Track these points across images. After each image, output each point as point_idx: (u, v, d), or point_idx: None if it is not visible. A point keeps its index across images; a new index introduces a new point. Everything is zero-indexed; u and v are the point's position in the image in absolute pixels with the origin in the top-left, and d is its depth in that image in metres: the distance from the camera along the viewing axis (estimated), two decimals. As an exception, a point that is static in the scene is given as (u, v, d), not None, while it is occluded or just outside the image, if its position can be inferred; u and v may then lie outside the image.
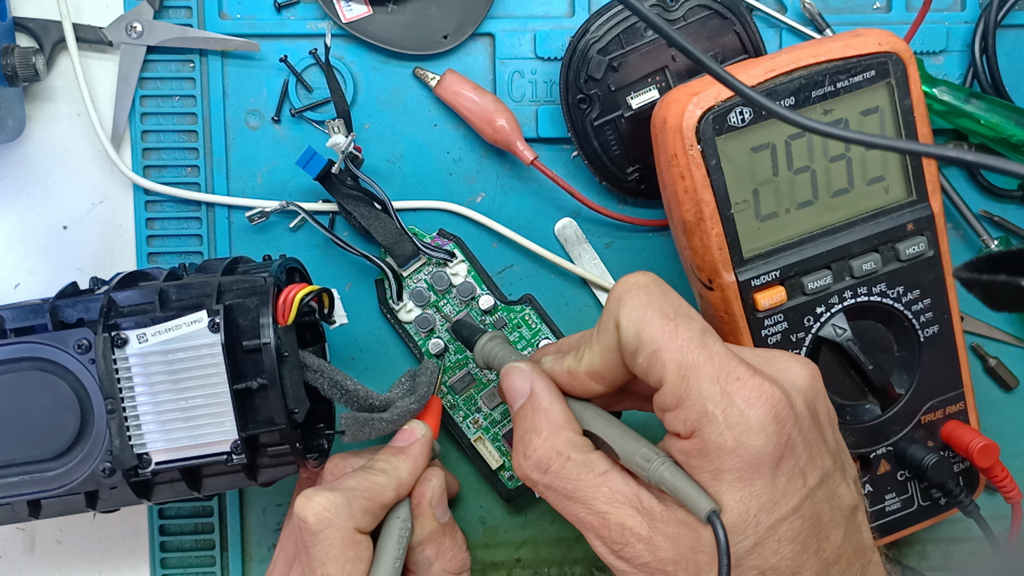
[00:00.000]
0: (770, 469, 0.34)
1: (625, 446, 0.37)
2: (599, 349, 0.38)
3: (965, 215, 0.52)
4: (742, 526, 0.34)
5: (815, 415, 0.37)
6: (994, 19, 0.51)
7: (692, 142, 0.42)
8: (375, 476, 0.42)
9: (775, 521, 0.34)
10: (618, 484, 0.37)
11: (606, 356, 0.38)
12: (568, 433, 0.39)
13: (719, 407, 0.35)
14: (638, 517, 0.36)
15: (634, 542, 0.36)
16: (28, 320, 0.42)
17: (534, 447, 0.38)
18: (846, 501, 0.37)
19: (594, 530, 0.37)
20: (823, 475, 0.36)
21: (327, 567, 0.39)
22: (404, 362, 0.52)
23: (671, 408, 0.36)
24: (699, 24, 0.48)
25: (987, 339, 0.53)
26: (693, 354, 0.35)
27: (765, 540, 0.34)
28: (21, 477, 0.41)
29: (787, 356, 0.38)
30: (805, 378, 0.37)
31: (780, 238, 0.44)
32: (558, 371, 0.40)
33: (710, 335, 0.36)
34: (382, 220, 0.50)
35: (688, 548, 0.35)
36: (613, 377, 0.39)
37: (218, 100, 0.51)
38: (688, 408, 0.35)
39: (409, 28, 0.51)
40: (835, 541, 0.36)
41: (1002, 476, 0.46)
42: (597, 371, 0.39)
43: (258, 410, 0.41)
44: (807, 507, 0.35)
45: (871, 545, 0.38)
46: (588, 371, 0.39)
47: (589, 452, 0.38)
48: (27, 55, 0.48)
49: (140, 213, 0.51)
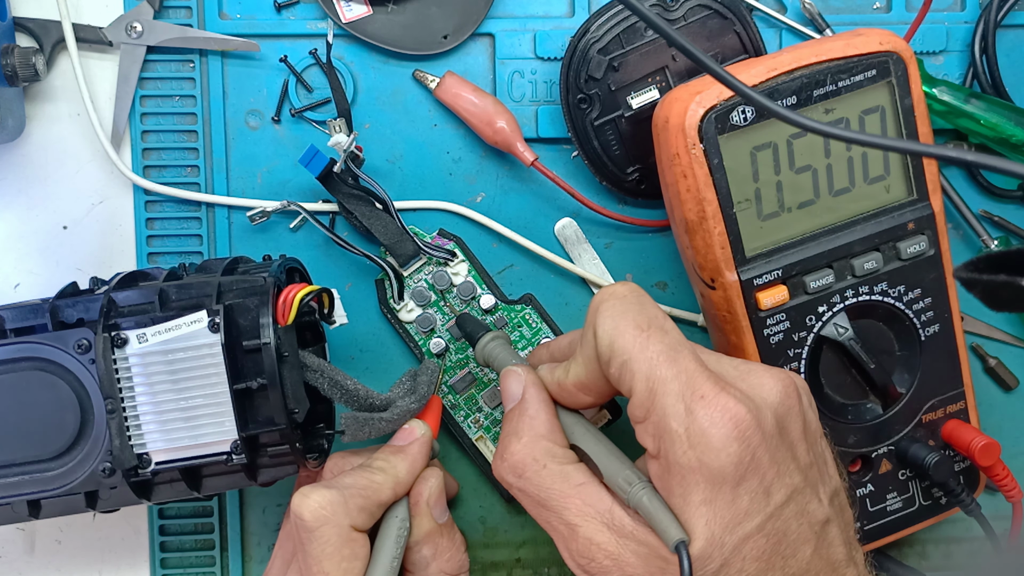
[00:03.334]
0: (731, 488, 0.34)
1: (609, 466, 0.38)
2: (582, 360, 0.39)
3: (965, 215, 0.52)
4: (708, 551, 0.35)
5: (785, 431, 0.36)
6: (994, 19, 0.51)
7: (694, 141, 0.42)
8: (373, 474, 0.42)
9: (739, 540, 0.35)
10: (592, 498, 0.37)
11: (589, 367, 0.39)
12: (547, 443, 0.39)
13: (682, 425, 0.35)
14: (607, 533, 0.36)
15: (600, 557, 0.36)
16: (28, 320, 0.42)
17: (512, 451, 0.39)
18: (816, 517, 0.36)
19: (563, 540, 0.38)
20: (791, 492, 0.36)
21: (323, 564, 0.39)
22: (404, 362, 0.52)
23: (640, 421, 0.36)
24: (699, 24, 0.48)
25: (987, 339, 0.53)
26: (662, 368, 0.36)
27: (730, 560, 0.35)
28: (21, 477, 0.41)
29: (763, 370, 0.38)
30: (777, 394, 0.37)
31: (782, 237, 0.44)
32: (550, 381, 0.41)
33: (683, 349, 0.36)
34: (383, 220, 0.50)
35: (657, 568, 0.35)
36: (599, 388, 0.39)
37: (218, 100, 0.51)
38: (655, 423, 0.35)
39: (409, 28, 0.51)
40: (803, 557, 0.36)
41: (1003, 475, 0.46)
42: (583, 382, 0.39)
43: (258, 410, 0.41)
44: (771, 525, 0.35)
45: (845, 559, 0.37)
46: (575, 383, 0.40)
47: (567, 463, 0.39)
48: (27, 55, 0.48)
49: (140, 213, 0.51)
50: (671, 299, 0.53)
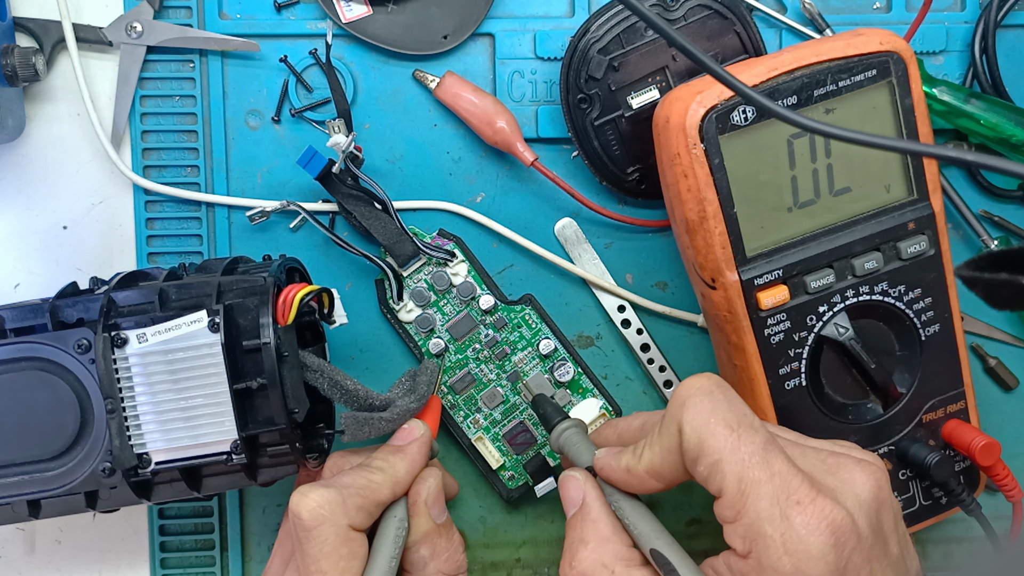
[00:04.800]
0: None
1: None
2: (660, 450, 0.38)
3: (965, 215, 0.52)
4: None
5: (879, 528, 0.36)
6: (994, 19, 0.51)
7: (695, 141, 0.42)
8: (371, 474, 0.42)
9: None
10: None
11: (666, 457, 0.38)
12: (615, 545, 0.39)
13: (777, 530, 0.34)
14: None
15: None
16: (28, 320, 0.42)
17: (580, 558, 0.39)
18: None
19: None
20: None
21: (321, 563, 0.39)
22: (404, 362, 0.52)
23: (730, 521, 0.36)
24: (699, 24, 0.48)
25: (987, 339, 0.53)
26: (754, 470, 0.35)
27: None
28: (21, 477, 0.41)
29: (852, 464, 0.37)
30: (870, 489, 0.36)
31: (782, 237, 0.44)
32: (615, 467, 0.40)
33: (773, 449, 0.36)
34: (382, 220, 0.50)
35: None
36: (672, 478, 0.38)
37: (218, 100, 0.51)
38: (746, 525, 0.35)
39: (409, 28, 0.51)
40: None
41: (1003, 475, 0.46)
42: (657, 471, 0.38)
43: (258, 410, 0.41)
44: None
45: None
46: (648, 470, 0.39)
47: (635, 568, 0.38)
48: (27, 55, 0.48)
49: (140, 213, 0.51)
50: (671, 299, 0.53)
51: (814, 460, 0.37)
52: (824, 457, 0.38)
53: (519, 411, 0.51)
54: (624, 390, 0.53)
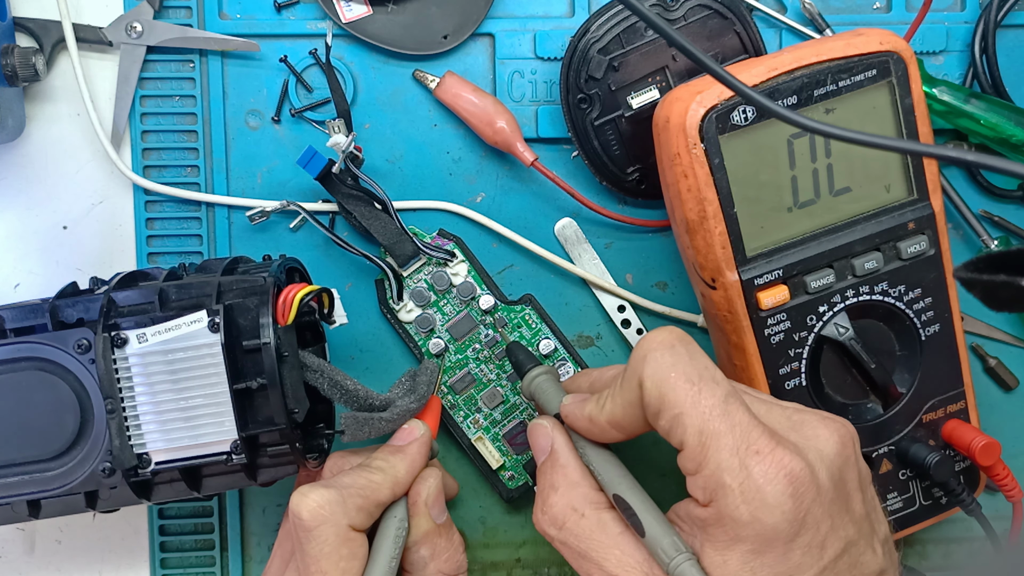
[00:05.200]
0: (784, 544, 0.34)
1: (653, 530, 0.37)
2: (621, 402, 0.38)
3: (965, 215, 0.52)
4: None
5: (841, 484, 0.36)
6: (994, 19, 0.51)
7: (695, 141, 0.42)
8: (371, 474, 0.42)
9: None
10: (629, 548, 0.37)
11: (627, 410, 0.38)
12: (584, 489, 0.39)
13: (736, 479, 0.34)
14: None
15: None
16: (28, 320, 0.42)
17: (551, 503, 0.39)
18: (871, 568, 0.36)
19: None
20: (845, 545, 0.35)
21: (321, 563, 0.39)
22: (404, 362, 0.52)
23: (691, 473, 0.36)
24: (699, 24, 0.48)
25: (987, 339, 0.53)
26: (715, 422, 0.35)
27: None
28: (21, 477, 0.41)
29: (817, 419, 0.37)
30: (834, 445, 0.36)
31: (783, 237, 0.44)
32: (579, 415, 0.40)
33: (734, 401, 0.36)
34: (382, 220, 0.50)
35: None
36: (633, 429, 0.39)
37: (218, 100, 0.51)
38: (706, 476, 0.35)
39: (409, 28, 0.51)
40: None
41: (1003, 475, 0.46)
42: (618, 422, 0.39)
43: (258, 410, 0.41)
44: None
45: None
46: (609, 421, 0.39)
47: (603, 510, 0.38)
48: (27, 55, 0.48)
49: (140, 213, 0.51)
50: (671, 299, 0.53)
51: (779, 416, 0.38)
52: (790, 414, 0.38)
53: (519, 411, 0.51)
54: (624, 390, 0.53)
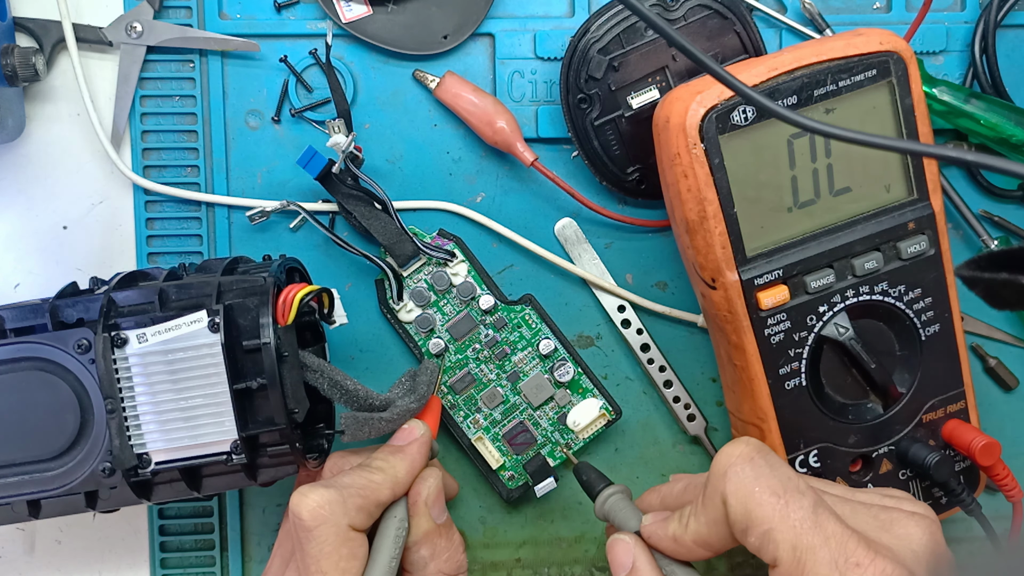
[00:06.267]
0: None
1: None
2: (705, 521, 0.38)
3: (965, 215, 0.52)
4: None
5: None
6: (994, 19, 0.51)
7: (695, 141, 0.42)
8: (371, 474, 0.42)
9: None
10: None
11: (713, 528, 0.38)
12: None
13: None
14: None
15: None
16: (28, 320, 0.42)
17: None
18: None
19: None
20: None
21: (321, 563, 0.39)
22: (404, 362, 0.52)
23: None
24: (699, 24, 0.48)
25: (987, 339, 0.53)
26: (807, 535, 0.35)
27: None
28: (21, 477, 0.41)
29: (904, 517, 0.37)
30: (926, 544, 0.36)
31: (783, 237, 0.44)
32: (663, 536, 0.40)
33: (823, 511, 0.35)
34: (382, 220, 0.50)
35: None
36: (720, 546, 0.38)
37: (218, 100, 0.51)
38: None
39: (409, 28, 0.51)
40: None
41: (1003, 475, 0.46)
42: (704, 540, 0.38)
43: (258, 410, 0.41)
44: None
45: None
46: (695, 540, 0.39)
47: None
48: (27, 55, 0.48)
49: (140, 213, 0.51)
50: (671, 299, 0.53)
51: (865, 517, 0.37)
52: (876, 513, 0.37)
53: (519, 411, 0.51)
54: (624, 390, 0.53)
